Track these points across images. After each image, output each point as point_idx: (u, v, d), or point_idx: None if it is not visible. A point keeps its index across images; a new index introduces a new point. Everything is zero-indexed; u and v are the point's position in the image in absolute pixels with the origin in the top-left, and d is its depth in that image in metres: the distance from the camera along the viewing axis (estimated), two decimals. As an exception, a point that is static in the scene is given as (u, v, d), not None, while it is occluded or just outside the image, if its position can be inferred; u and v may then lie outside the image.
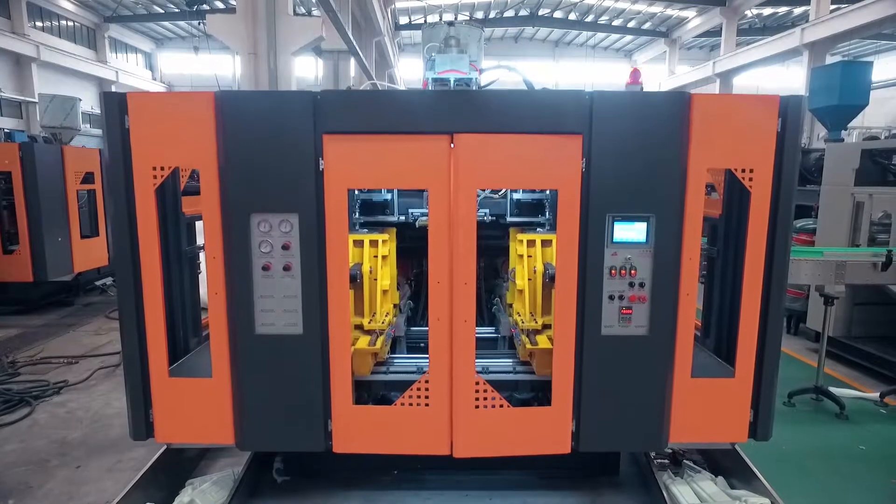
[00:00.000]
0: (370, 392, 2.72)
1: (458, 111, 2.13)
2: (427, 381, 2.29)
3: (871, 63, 6.50)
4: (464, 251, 2.18)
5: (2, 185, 6.32)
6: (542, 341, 2.66)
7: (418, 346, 3.31)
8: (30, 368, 4.84)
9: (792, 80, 29.23)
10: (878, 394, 4.18)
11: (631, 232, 2.21)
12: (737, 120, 2.20)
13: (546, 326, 2.86)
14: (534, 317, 2.89)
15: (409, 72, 30.89)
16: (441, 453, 2.32)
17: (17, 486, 3.07)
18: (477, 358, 2.34)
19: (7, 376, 4.63)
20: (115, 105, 2.20)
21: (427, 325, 2.31)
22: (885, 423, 3.87)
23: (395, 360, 2.86)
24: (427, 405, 2.31)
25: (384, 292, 2.97)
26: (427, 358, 2.33)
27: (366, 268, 2.88)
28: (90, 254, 6.96)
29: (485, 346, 3.23)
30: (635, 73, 2.24)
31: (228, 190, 2.19)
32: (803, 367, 4.92)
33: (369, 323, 2.83)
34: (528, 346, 2.61)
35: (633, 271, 2.24)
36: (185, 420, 2.40)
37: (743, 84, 28.40)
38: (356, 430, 2.33)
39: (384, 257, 2.96)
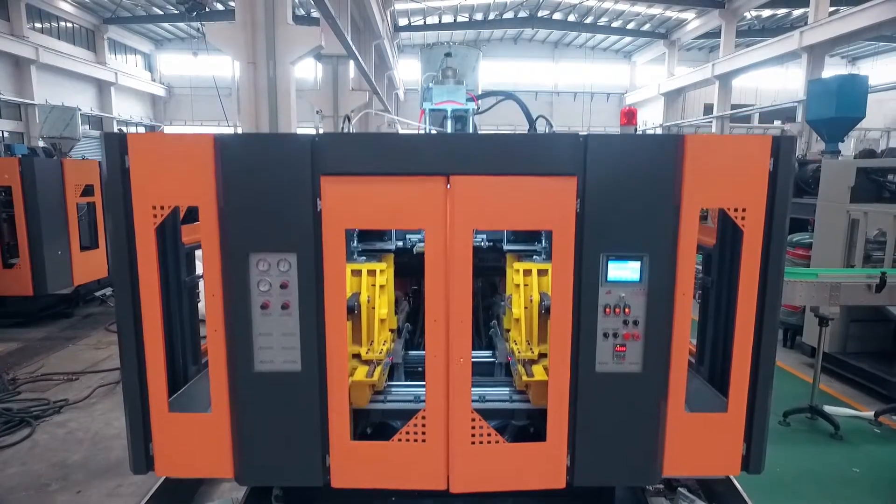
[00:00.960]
0: (368, 420, 2.75)
1: (454, 154, 2.15)
2: (424, 418, 2.32)
3: (867, 77, 6.53)
4: (460, 290, 2.21)
5: (2, 196, 6.35)
6: (538, 372, 2.69)
7: (416, 370, 3.33)
8: (30, 385, 4.88)
9: (791, 81, 29.25)
10: (872, 413, 4.22)
11: (625, 271, 2.24)
12: (729, 160, 2.23)
13: (542, 355, 2.89)
14: (530, 346, 2.92)
15: (408, 73, 30.92)
16: (438, 488, 2.35)
17: (18, 511, 3.10)
18: (474, 386, 2.37)
19: (8, 394, 4.66)
20: (116, 145, 2.23)
21: (425, 348, 2.32)
22: (879, 443, 3.91)
23: (393, 389, 2.89)
24: (424, 441, 2.34)
25: (382, 321, 3.00)
26: (423, 385, 2.35)
27: (363, 297, 2.91)
28: (90, 266, 6.99)
29: (482, 370, 3.25)
30: (629, 115, 2.26)
31: (227, 230, 2.22)
32: (798, 383, 4.95)
33: (367, 353, 2.86)
34: (525, 378, 2.64)
35: (626, 309, 2.26)
36: (184, 453, 2.43)
37: (742, 85, 28.45)
38: (354, 465, 2.36)
39: (382, 286, 2.99)
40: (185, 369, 2.86)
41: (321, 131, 18.95)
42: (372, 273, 2.99)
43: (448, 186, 2.17)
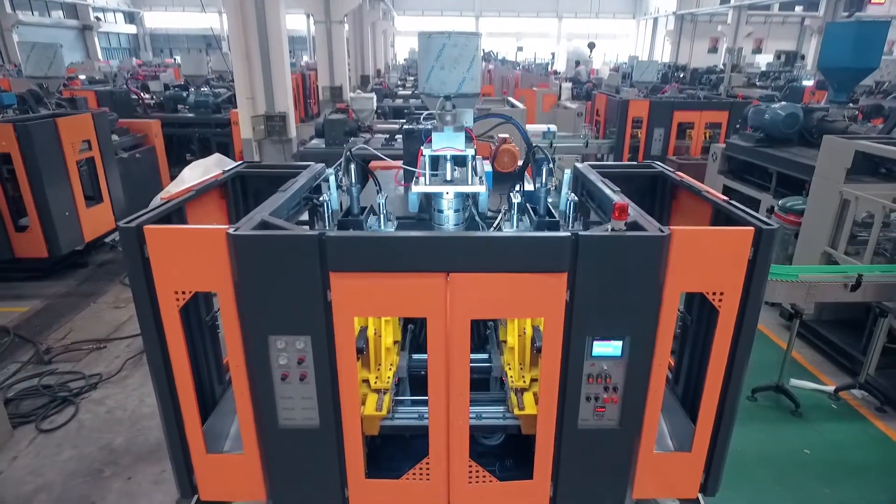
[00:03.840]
0: (379, 433, 3.14)
1: (452, 253, 2.30)
2: (428, 464, 2.69)
3: (887, 23, 6.21)
4: (459, 367, 2.47)
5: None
6: (529, 403, 3.02)
7: (419, 374, 3.67)
8: (62, 356, 5.29)
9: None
10: (833, 388, 4.66)
11: (608, 348, 2.48)
12: (712, 250, 2.38)
13: (534, 380, 3.21)
14: (522, 373, 3.23)
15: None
16: (441, 514, 2.79)
17: (81, 500, 3.61)
18: (471, 404, 2.67)
19: (45, 366, 5.09)
20: (134, 237, 2.37)
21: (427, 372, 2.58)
22: (833, 420, 4.38)
23: (399, 408, 3.24)
24: (428, 479, 2.73)
25: (388, 349, 3.28)
26: (427, 400, 2.63)
27: (370, 331, 3.17)
28: (97, 221, 7.15)
29: (477, 370, 3.58)
30: (621, 209, 2.35)
31: (246, 316, 2.42)
32: (772, 350, 5.37)
33: (375, 381, 3.18)
34: (517, 411, 2.98)
35: (608, 379, 2.54)
36: (224, 484, 2.84)
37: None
38: (369, 496, 2.78)
39: (387, 321, 3.23)
40: (213, 393, 3.21)
41: (313, 35, 17.79)
42: (378, 308, 3.21)
43: (447, 279, 2.35)
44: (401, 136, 3.86)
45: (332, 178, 3.38)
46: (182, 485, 2.84)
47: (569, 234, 2.29)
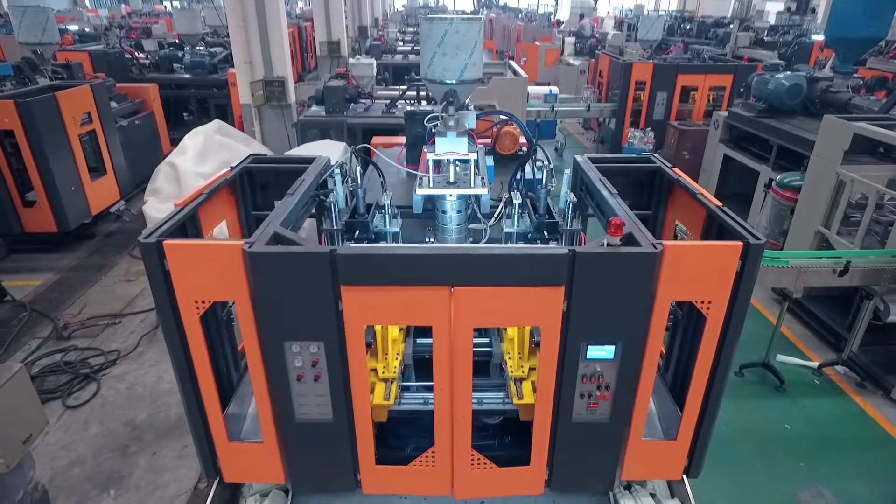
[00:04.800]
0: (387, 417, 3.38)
1: (456, 269, 2.43)
2: (434, 453, 2.93)
3: (898, -8, 6.07)
4: (462, 369, 2.66)
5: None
6: (527, 393, 3.23)
7: (424, 357, 3.88)
8: (79, 332, 5.50)
9: None
10: (818, 364, 4.89)
11: (602, 352, 2.66)
12: (703, 263, 2.51)
13: (532, 369, 3.41)
14: (521, 363, 3.43)
15: None
16: (445, 495, 3.06)
17: (111, 475, 3.88)
18: (473, 390, 2.88)
19: (64, 341, 5.31)
20: (154, 252, 2.50)
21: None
22: (816, 396, 4.63)
23: (405, 394, 3.46)
24: (434, 465, 2.97)
25: (394, 340, 3.47)
26: (431, 385, 2.81)
27: (377, 326, 3.34)
28: (103, 194, 7.23)
29: (478, 355, 3.79)
30: (617, 225, 2.47)
31: (262, 323, 2.59)
32: (762, 324, 5.57)
33: (383, 371, 3.38)
34: (516, 400, 3.19)
35: (601, 379, 2.73)
36: (246, 467, 3.08)
37: None
38: (379, 479, 3.03)
39: (393, 315, 3.39)
40: (230, 380, 3.42)
41: None
42: (384, 303, 3.37)
43: (452, 292, 2.49)
44: (400, 105, 3.93)
45: (338, 177, 3.47)
46: (207, 468, 3.09)
47: (566, 251, 2.42)
